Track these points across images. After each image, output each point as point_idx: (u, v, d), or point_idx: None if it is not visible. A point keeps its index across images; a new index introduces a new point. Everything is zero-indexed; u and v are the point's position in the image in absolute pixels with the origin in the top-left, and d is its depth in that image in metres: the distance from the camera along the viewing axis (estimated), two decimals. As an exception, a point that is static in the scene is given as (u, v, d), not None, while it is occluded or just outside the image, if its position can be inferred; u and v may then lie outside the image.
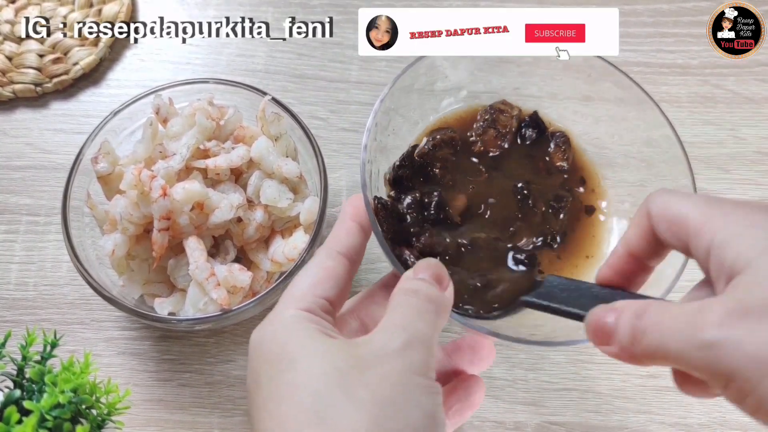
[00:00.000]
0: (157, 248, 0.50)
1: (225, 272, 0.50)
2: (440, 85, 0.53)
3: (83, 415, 0.41)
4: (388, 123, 0.50)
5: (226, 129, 0.55)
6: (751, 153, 0.64)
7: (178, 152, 0.52)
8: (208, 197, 0.50)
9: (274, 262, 0.52)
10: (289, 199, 0.53)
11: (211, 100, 0.56)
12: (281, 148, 0.55)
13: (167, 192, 0.48)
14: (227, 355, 0.56)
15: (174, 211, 0.49)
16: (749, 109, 0.66)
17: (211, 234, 0.52)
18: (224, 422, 0.54)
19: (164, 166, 0.51)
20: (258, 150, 0.53)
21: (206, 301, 0.49)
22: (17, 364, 0.43)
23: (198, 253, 0.50)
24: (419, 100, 0.52)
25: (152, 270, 0.52)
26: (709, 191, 0.62)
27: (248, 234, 0.53)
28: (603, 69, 0.50)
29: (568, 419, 0.54)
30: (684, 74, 0.68)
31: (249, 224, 0.52)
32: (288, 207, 0.53)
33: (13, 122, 0.66)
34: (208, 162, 0.52)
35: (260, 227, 0.53)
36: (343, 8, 0.72)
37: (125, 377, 0.55)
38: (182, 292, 0.52)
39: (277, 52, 0.69)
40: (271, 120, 0.54)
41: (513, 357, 0.56)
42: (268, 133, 0.55)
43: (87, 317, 0.57)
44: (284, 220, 0.54)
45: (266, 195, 0.52)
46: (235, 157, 0.53)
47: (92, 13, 0.71)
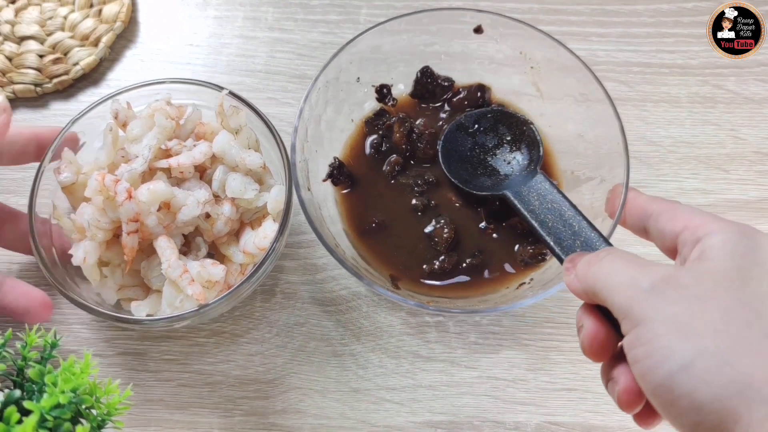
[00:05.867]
0: (128, 251, 0.50)
1: (198, 268, 0.50)
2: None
3: (83, 415, 0.41)
4: (320, 118, 0.57)
5: (186, 128, 0.56)
6: (750, 153, 0.64)
7: (140, 154, 0.52)
8: (174, 196, 0.51)
9: (246, 254, 0.53)
10: (255, 190, 0.53)
11: (169, 100, 0.56)
12: (243, 141, 0.56)
13: (132, 195, 0.49)
14: (227, 355, 0.56)
15: (141, 212, 0.49)
16: (749, 109, 0.66)
17: (180, 232, 0.53)
18: (224, 422, 0.54)
19: (127, 169, 0.51)
20: (220, 144, 0.53)
21: (182, 299, 0.50)
22: (17, 364, 0.43)
23: (169, 252, 0.50)
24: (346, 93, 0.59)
25: (126, 274, 0.53)
26: (708, 191, 0.62)
27: (218, 229, 0.53)
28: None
29: (568, 419, 0.54)
30: (684, 74, 0.68)
31: (218, 219, 0.53)
32: (254, 198, 0.53)
33: (13, 122, 0.65)
34: (170, 161, 0.53)
35: (229, 221, 0.53)
36: (343, 8, 0.72)
37: (125, 377, 0.55)
38: (158, 293, 0.52)
39: (277, 52, 0.69)
40: (230, 114, 0.55)
41: (513, 357, 0.56)
42: (229, 127, 0.55)
43: (87, 317, 0.57)
44: (252, 212, 0.55)
45: (232, 188, 0.53)
46: (197, 154, 0.53)
47: (92, 13, 0.71)
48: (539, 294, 0.47)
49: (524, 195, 0.50)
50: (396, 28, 0.57)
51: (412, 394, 0.55)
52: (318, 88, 0.55)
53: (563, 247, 0.45)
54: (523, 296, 0.50)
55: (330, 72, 0.56)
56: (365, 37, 0.56)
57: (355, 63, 0.58)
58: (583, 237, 0.44)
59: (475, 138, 0.57)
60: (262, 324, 0.57)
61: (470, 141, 0.57)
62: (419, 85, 0.60)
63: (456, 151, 0.57)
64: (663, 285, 0.32)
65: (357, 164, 0.59)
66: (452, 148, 0.57)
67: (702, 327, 0.30)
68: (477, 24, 0.58)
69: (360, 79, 0.60)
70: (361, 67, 0.59)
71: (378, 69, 0.60)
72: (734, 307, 0.31)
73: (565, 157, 0.58)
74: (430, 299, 0.52)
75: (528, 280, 0.53)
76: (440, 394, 0.55)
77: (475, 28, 0.58)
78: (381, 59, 0.60)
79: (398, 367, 0.56)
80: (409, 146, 0.58)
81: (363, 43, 0.57)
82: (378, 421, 0.54)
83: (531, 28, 0.56)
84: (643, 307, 0.32)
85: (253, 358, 0.56)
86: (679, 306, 0.31)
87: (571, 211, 0.46)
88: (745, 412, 0.29)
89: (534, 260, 0.53)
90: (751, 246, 0.33)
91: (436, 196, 0.57)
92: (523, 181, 0.51)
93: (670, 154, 0.64)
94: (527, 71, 0.59)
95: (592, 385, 0.55)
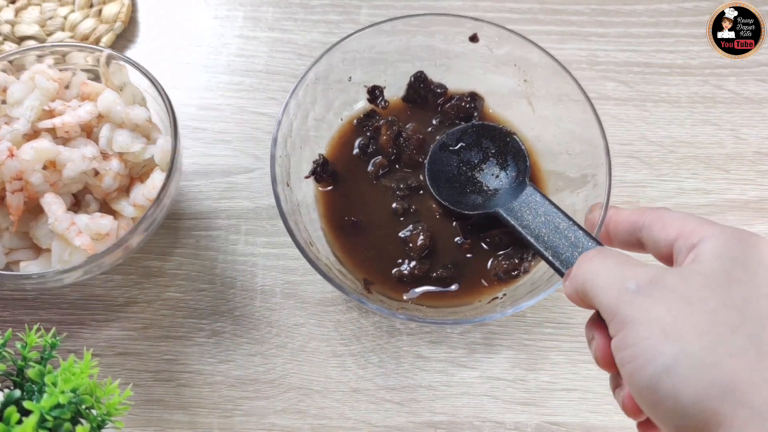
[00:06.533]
0: (14, 211, 0.50)
1: (86, 220, 0.50)
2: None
3: (83, 415, 0.41)
4: (307, 114, 0.57)
5: (71, 92, 0.56)
6: (750, 153, 0.64)
7: (22, 116, 0.52)
8: (60, 153, 0.51)
9: (137, 206, 0.54)
10: (141, 144, 0.54)
11: (51, 63, 0.57)
12: (127, 98, 0.56)
13: (15, 153, 0.49)
14: (227, 355, 0.56)
15: (25, 170, 0.50)
16: (749, 109, 0.66)
17: (69, 191, 0.53)
18: (224, 422, 0.54)
19: (9, 130, 0.51)
20: (105, 102, 0.54)
21: (70, 251, 0.50)
22: (17, 364, 0.43)
23: (56, 207, 0.50)
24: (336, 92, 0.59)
25: (14, 236, 0.53)
26: (708, 191, 0.62)
27: (107, 184, 0.53)
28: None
29: (568, 419, 0.54)
30: (684, 74, 0.68)
31: (106, 174, 0.53)
32: (141, 150, 0.54)
33: None
34: (55, 121, 0.53)
35: (118, 176, 0.53)
36: (343, 8, 0.72)
37: (125, 377, 0.55)
38: (48, 252, 0.52)
39: (277, 52, 0.69)
40: (113, 71, 0.55)
41: (513, 357, 0.56)
42: (113, 86, 0.56)
43: (87, 317, 0.57)
44: (140, 165, 0.56)
45: (118, 143, 0.53)
46: (82, 113, 0.53)
47: (92, 13, 0.71)
48: (508, 309, 0.47)
49: (516, 210, 0.49)
50: (391, 30, 0.57)
51: (412, 394, 0.55)
52: (306, 84, 0.55)
53: (562, 260, 0.44)
54: (493, 311, 0.49)
55: (321, 68, 0.55)
56: (358, 36, 0.56)
57: (348, 62, 0.58)
58: (580, 247, 0.43)
59: (459, 155, 0.56)
60: (262, 324, 0.57)
61: (455, 159, 0.56)
62: (412, 90, 0.60)
63: (443, 171, 0.56)
64: (649, 286, 0.32)
65: (342, 163, 0.58)
66: (438, 169, 0.56)
67: (686, 329, 0.30)
68: (473, 32, 0.57)
69: (352, 78, 0.59)
70: (354, 66, 0.59)
71: (371, 70, 0.60)
72: (720, 309, 0.31)
73: (553, 173, 0.57)
74: (401, 306, 0.52)
75: (501, 295, 0.52)
76: (440, 394, 0.55)
77: (471, 37, 0.58)
78: (375, 60, 0.59)
79: (398, 367, 0.56)
80: (396, 150, 0.57)
81: (356, 42, 0.56)
82: (378, 421, 0.54)
83: (527, 41, 0.55)
84: (629, 309, 0.32)
85: (253, 358, 0.56)
86: (665, 307, 0.31)
87: (565, 221, 0.45)
88: (728, 413, 0.29)
89: (507, 276, 0.53)
90: (742, 249, 0.33)
91: (417, 201, 0.56)
92: (514, 195, 0.50)
93: (670, 154, 0.64)
94: (521, 84, 0.58)
95: (592, 385, 0.55)
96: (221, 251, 0.60)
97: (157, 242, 0.60)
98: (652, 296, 0.32)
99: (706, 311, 0.31)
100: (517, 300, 0.49)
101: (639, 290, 0.32)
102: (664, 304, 0.31)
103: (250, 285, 0.58)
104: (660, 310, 0.31)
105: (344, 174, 0.58)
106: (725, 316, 0.31)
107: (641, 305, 0.32)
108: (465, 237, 0.54)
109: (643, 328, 0.31)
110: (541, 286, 0.48)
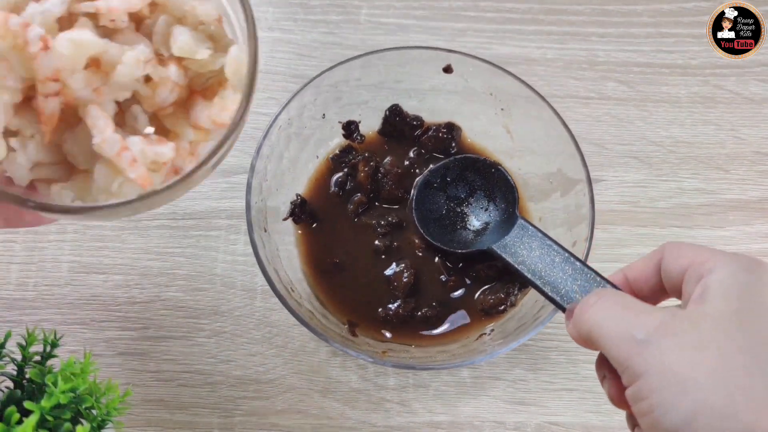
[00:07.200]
0: (46, 119, 0.38)
1: (141, 144, 0.39)
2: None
3: (83, 415, 0.41)
4: (281, 155, 0.55)
5: None
6: (750, 153, 0.64)
7: None
8: (106, 50, 0.38)
9: (198, 129, 0.41)
10: (209, 49, 0.41)
11: None
12: None
13: (49, 45, 0.37)
14: (227, 355, 0.56)
15: (63, 70, 0.37)
16: (749, 109, 0.66)
17: (113, 98, 0.40)
18: (224, 422, 0.54)
19: (39, 10, 0.37)
20: None
21: (121, 182, 0.39)
22: (17, 364, 0.43)
23: (103, 122, 0.38)
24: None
25: (40, 146, 0.40)
26: (708, 191, 0.62)
27: (161, 96, 0.40)
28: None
29: (568, 419, 0.54)
30: (684, 74, 0.68)
31: (162, 84, 0.40)
32: (209, 59, 0.41)
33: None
34: (97, 3, 0.39)
35: (176, 87, 0.40)
36: (343, 8, 0.71)
37: (125, 377, 0.55)
38: (85, 174, 0.40)
39: (277, 52, 0.69)
40: None
41: (513, 357, 0.56)
42: None
43: (87, 317, 0.57)
44: (205, 77, 0.42)
45: (179, 44, 0.40)
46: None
47: (92, 13, 0.70)
48: (497, 350, 0.47)
49: (510, 246, 0.48)
50: (363, 64, 0.56)
51: (412, 394, 0.55)
52: (279, 126, 0.53)
53: (562, 295, 0.42)
54: (482, 350, 0.49)
55: (292, 109, 0.54)
56: (330, 73, 0.54)
57: (320, 100, 0.56)
58: (579, 281, 0.42)
59: (446, 192, 0.56)
60: (262, 324, 0.57)
61: (443, 196, 0.56)
62: (387, 123, 0.58)
63: (431, 211, 0.55)
64: (658, 335, 0.32)
65: (320, 202, 0.57)
66: (426, 208, 0.55)
67: (701, 378, 0.30)
68: (446, 64, 0.56)
69: (325, 116, 0.58)
70: (327, 103, 0.57)
71: (344, 105, 0.58)
72: (733, 353, 0.30)
73: (537, 199, 0.57)
74: (387, 348, 0.52)
75: (489, 330, 0.52)
76: (440, 394, 0.55)
77: (445, 68, 0.56)
78: (348, 95, 0.58)
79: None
80: (374, 186, 0.56)
81: (328, 79, 0.55)
82: (378, 421, 0.54)
83: (501, 70, 0.54)
84: (640, 361, 0.32)
85: (253, 358, 0.56)
86: (676, 356, 0.31)
87: (561, 254, 0.44)
88: None
89: (494, 310, 0.53)
90: (752, 283, 0.32)
91: (399, 238, 0.55)
92: (506, 229, 0.49)
93: (670, 154, 0.64)
94: (498, 113, 0.58)
95: (592, 385, 0.55)
96: (221, 251, 0.60)
97: (157, 242, 0.60)
98: (661, 345, 0.31)
99: (719, 357, 0.30)
100: (507, 336, 0.49)
101: (648, 340, 0.32)
102: (675, 353, 0.31)
103: (250, 285, 0.58)
104: (671, 359, 0.31)
105: (323, 213, 0.57)
106: (739, 360, 0.30)
107: (652, 356, 0.31)
108: (449, 274, 0.54)
109: (655, 379, 0.31)
110: (528, 324, 0.48)
